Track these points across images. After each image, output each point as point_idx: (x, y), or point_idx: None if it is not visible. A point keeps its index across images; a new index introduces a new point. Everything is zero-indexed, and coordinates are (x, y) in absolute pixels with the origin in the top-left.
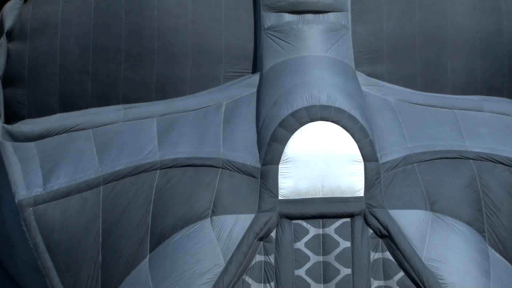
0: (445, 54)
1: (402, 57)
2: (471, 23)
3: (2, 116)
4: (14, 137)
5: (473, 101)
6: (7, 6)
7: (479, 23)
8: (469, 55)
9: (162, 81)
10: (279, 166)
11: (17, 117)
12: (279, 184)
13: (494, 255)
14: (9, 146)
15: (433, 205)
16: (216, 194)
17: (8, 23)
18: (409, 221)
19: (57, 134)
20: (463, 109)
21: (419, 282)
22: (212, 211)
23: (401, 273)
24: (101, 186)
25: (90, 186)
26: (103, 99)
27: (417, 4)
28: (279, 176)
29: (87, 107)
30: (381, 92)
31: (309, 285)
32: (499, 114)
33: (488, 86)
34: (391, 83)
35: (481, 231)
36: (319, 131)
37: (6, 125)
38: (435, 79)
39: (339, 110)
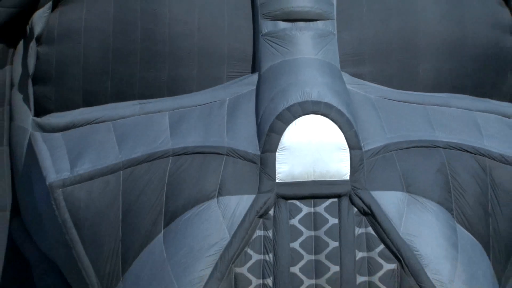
0: (418, 57)
1: (381, 60)
2: (440, 30)
3: (32, 110)
4: (43, 129)
5: (441, 98)
6: (36, 14)
7: (447, 31)
8: (438, 58)
9: (172, 80)
10: (276, 153)
11: (45, 111)
12: (276, 169)
13: (461, 230)
14: (38, 136)
15: (409, 187)
16: (221, 177)
17: (37, 29)
18: (388, 201)
19: (80, 126)
20: (433, 105)
21: (397, 253)
22: (218, 192)
23: (382, 246)
24: (121, 171)
25: (111, 170)
26: (121, 96)
27: (394, 14)
28: (276, 162)
29: (106, 103)
30: (363, 90)
31: (302, 256)
32: (464, 109)
33: (454, 85)
34: (371, 82)
35: (450, 210)
36: (311, 123)
37: (35, 118)
38: (409, 79)
39: (328, 105)
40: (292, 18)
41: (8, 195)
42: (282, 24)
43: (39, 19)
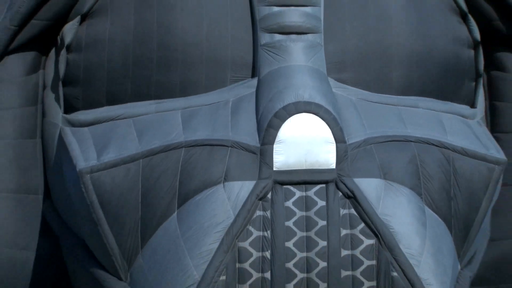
0: (391, 66)
1: (360, 67)
2: (410, 44)
3: (62, 107)
4: (72, 124)
5: (411, 100)
6: (66, 27)
7: (415, 44)
8: (408, 67)
9: (183, 83)
10: (274, 146)
11: (73, 109)
12: (274, 159)
13: (428, 211)
14: (68, 130)
15: (385, 175)
16: (227, 166)
17: (67, 39)
18: (368, 187)
19: (104, 121)
20: (404, 106)
21: (375, 230)
22: (224, 178)
23: (362, 224)
24: (140, 160)
25: (132, 159)
26: (139, 96)
27: (371, 30)
28: (273, 153)
29: (126, 102)
30: (346, 93)
31: (295, 233)
32: (430, 110)
33: (422, 90)
34: (353, 86)
35: (419, 194)
36: (303, 120)
37: (65, 115)
38: (383, 84)
39: (317, 105)
40: (286, 31)
41: (40, 181)
42: (278, 36)
43: (69, 31)
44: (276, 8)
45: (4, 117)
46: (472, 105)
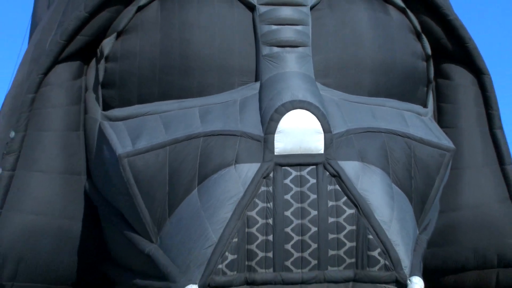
0: (364, 73)
1: (340, 74)
2: (378, 56)
3: (101, 106)
4: (109, 119)
5: (380, 100)
6: (104, 41)
7: (383, 57)
8: (377, 74)
9: (200, 86)
10: (275, 135)
11: (110, 107)
12: (275, 146)
13: (395, 187)
14: (107, 124)
15: (363, 159)
16: (237, 151)
17: (105, 51)
18: (349, 168)
19: (136, 117)
20: (375, 105)
21: (355, 202)
22: (235, 161)
23: (345, 197)
24: (167, 147)
25: (160, 146)
26: (164, 97)
27: (348, 45)
28: (274, 141)
29: (154, 102)
30: (330, 94)
31: (292, 204)
32: (394, 108)
33: (388, 93)
34: (335, 89)
35: (388, 174)
36: (298, 115)
37: (103, 112)
38: (358, 88)
39: (309, 103)
40: (283, 45)
41: (83, 165)
42: (276, 49)
43: (107, 45)
44: (274, 27)
45: (55, 114)
46: (425, 105)
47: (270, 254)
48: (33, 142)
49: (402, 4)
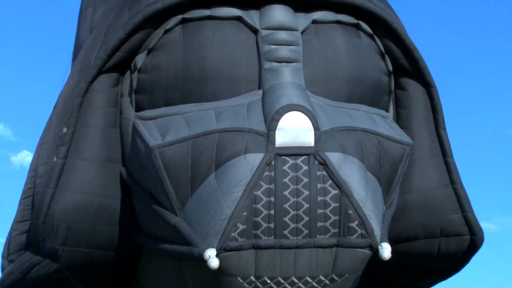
0: (342, 84)
1: (323, 84)
2: (353, 71)
3: (134, 107)
4: (141, 119)
5: (355, 106)
6: (137, 57)
7: (356, 72)
8: (352, 85)
9: (214, 93)
10: (275, 131)
11: (141, 109)
12: (276, 140)
13: (369, 174)
14: (139, 123)
15: (344, 151)
16: (246, 144)
17: (138, 65)
18: (334, 158)
19: (163, 117)
20: (351, 109)
21: (339, 185)
22: (244, 151)
23: (330, 181)
24: (190, 140)
25: (184, 140)
26: (186, 101)
27: (330, 61)
28: (275, 136)
29: (177, 105)
30: (316, 100)
31: (289, 186)
32: (366, 112)
33: (360, 99)
34: (320, 96)
35: (363, 162)
36: (294, 116)
37: (136, 113)
38: (337, 95)
39: (302, 106)
40: (280, 61)
41: (119, 154)
42: (275, 64)
43: (140, 59)
44: (273, 46)
45: (97, 114)
46: (387, 110)
47: (272, 225)
48: (81, 136)
49: (370, 31)
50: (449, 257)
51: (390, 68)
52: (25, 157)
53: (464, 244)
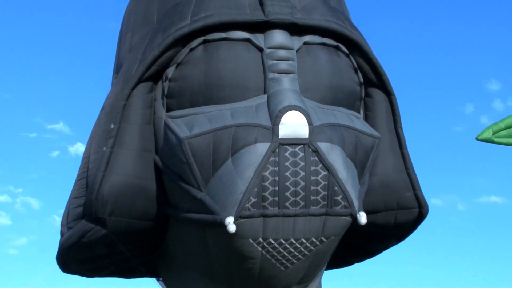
0: (326, 91)
1: (312, 91)
2: (333, 82)
3: (165, 109)
4: (171, 117)
5: (336, 108)
6: (168, 70)
7: (336, 82)
8: (333, 92)
9: (230, 97)
10: (279, 126)
11: (171, 110)
12: (279, 133)
13: (348, 160)
14: (170, 120)
15: (330, 141)
16: (256, 135)
17: (169, 76)
18: (323, 147)
19: (188, 116)
20: (334, 110)
21: (327, 167)
22: (255, 141)
23: (321, 164)
24: (212, 133)
25: (207, 132)
26: (207, 103)
27: (317, 73)
28: (279, 130)
29: (200, 106)
30: (308, 103)
31: (289, 168)
32: (345, 113)
33: (340, 103)
34: (311, 100)
35: (344, 151)
36: (293, 114)
37: (166, 113)
38: (323, 100)
39: (299, 107)
40: (280, 72)
41: (153, 144)
42: (277, 75)
43: (170, 71)
44: (275, 61)
45: (136, 114)
46: (359, 113)
47: (276, 199)
48: (124, 131)
49: (347, 51)
50: (403, 226)
51: (361, 80)
52: (79, 148)
53: (414, 215)
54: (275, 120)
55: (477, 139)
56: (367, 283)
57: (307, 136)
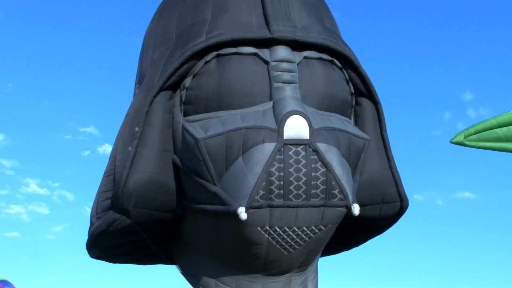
0: (322, 100)
1: (311, 98)
2: (328, 91)
3: (182, 114)
4: (188, 121)
5: (332, 114)
6: (185, 80)
7: (331, 92)
8: (328, 101)
9: (239, 104)
10: (284, 128)
11: (187, 115)
12: (284, 134)
13: (343, 159)
14: (187, 124)
15: (327, 143)
16: (263, 136)
17: (186, 85)
18: (322, 147)
19: (203, 120)
20: (330, 116)
21: (325, 164)
22: (262, 141)
23: (320, 162)
24: (224, 134)
25: (220, 134)
26: (220, 109)
27: (315, 84)
28: (284, 132)
29: (213, 112)
30: (308, 109)
31: (293, 165)
32: (339, 118)
33: (334, 110)
34: (309, 106)
35: (340, 151)
36: (296, 118)
37: (184, 117)
38: (320, 107)
39: (301, 112)
40: (284, 82)
41: (171, 145)
42: (281, 84)
43: (187, 81)
44: (279, 72)
45: (157, 118)
46: (350, 118)
47: (281, 192)
48: (146, 133)
49: (340, 65)
50: (387, 218)
51: (352, 90)
52: (106, 148)
53: (396, 208)
54: (280, 123)
55: (450, 142)
56: (356, 269)
57: (308, 137)
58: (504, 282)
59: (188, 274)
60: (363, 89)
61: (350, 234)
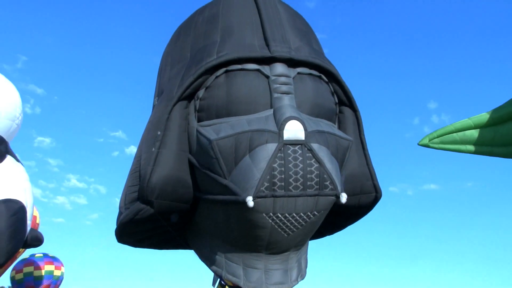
0: (312, 108)
1: (304, 107)
2: (318, 101)
3: (196, 119)
4: (202, 126)
5: (321, 120)
6: (199, 92)
7: (319, 102)
8: (318, 109)
9: (245, 111)
10: (283, 131)
11: (201, 120)
12: (284, 136)
13: (332, 157)
14: (201, 128)
15: (319, 143)
16: (267, 137)
17: (200, 96)
18: (315, 146)
19: (215, 124)
20: (320, 122)
21: (318, 161)
22: (266, 142)
23: (314, 159)
24: (234, 136)
25: (231, 135)
26: (228, 115)
27: (306, 95)
28: (284, 134)
29: (223, 117)
30: (302, 116)
31: (291, 161)
32: (327, 123)
33: (322, 116)
34: (304, 113)
35: (329, 150)
36: (293, 122)
37: (198, 123)
38: (312, 113)
39: (298, 118)
40: (282, 93)
41: (187, 146)
42: (280, 94)
43: (201, 92)
44: (278, 85)
45: (175, 124)
46: (335, 124)
47: (283, 184)
48: (167, 136)
49: (326, 80)
50: (364, 206)
51: (336, 100)
52: (132, 149)
53: (371, 198)
54: (281, 126)
55: (418, 144)
56: (340, 253)
57: (303, 139)
58: (460, 254)
59: (202, 255)
60: (345, 100)
61: (333, 220)
